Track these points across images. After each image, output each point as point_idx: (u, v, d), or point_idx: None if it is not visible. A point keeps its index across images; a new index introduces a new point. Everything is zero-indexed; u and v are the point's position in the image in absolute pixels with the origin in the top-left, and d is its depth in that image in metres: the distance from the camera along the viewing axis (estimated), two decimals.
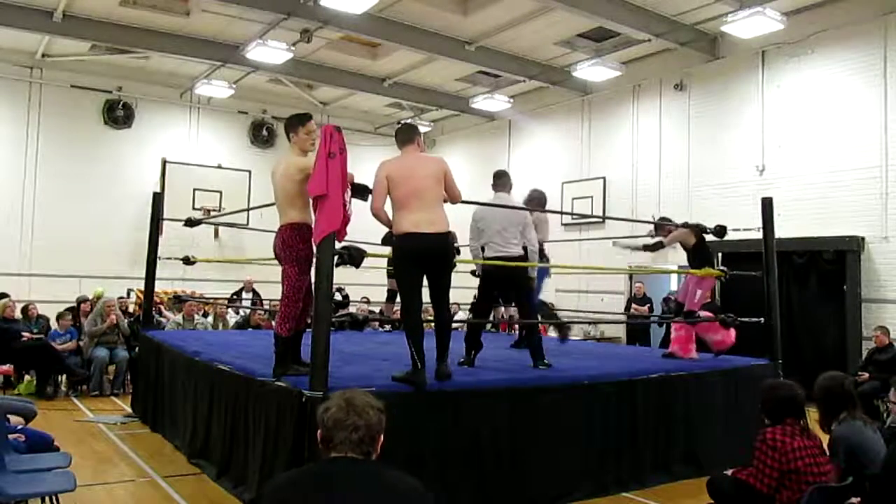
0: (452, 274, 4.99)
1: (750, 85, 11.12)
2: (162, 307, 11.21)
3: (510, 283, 5.93)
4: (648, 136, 12.73)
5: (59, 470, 4.07)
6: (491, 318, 8.42)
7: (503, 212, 5.91)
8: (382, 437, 2.23)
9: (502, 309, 8.91)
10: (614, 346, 10.86)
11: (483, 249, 5.97)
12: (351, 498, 2.08)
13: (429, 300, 4.85)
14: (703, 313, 7.19)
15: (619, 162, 13.18)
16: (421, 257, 4.67)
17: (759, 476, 3.62)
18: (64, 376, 9.23)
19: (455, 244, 5.73)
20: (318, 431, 2.22)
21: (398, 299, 5.15)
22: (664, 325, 11.01)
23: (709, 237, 7.51)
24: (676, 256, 12.04)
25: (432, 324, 5.02)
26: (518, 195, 6.74)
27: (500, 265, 5.76)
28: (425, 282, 4.80)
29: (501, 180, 6.20)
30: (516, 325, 9.07)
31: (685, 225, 7.27)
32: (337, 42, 12.40)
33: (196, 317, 10.40)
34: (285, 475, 2.33)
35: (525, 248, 5.97)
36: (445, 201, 4.85)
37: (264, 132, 15.63)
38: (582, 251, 12.81)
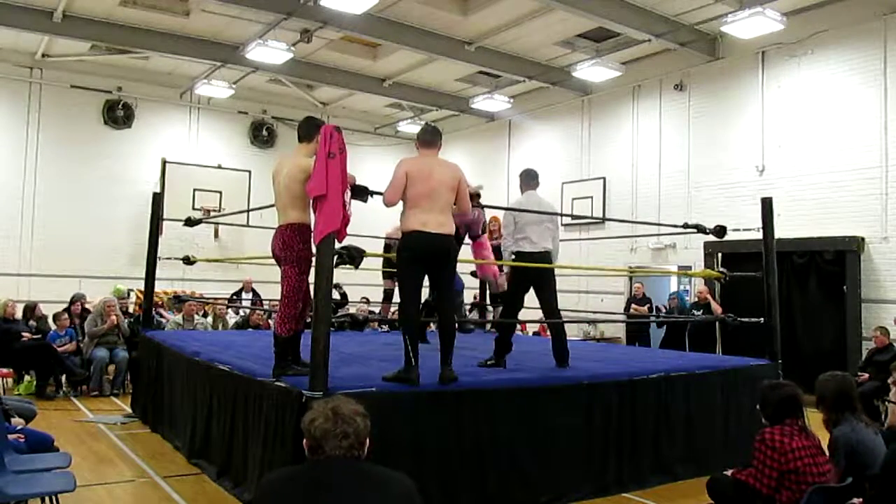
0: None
1: (750, 85, 11.12)
2: (162, 310, 11.19)
3: (539, 280, 5.93)
4: (648, 136, 12.73)
5: (59, 470, 4.07)
6: (491, 317, 8.44)
7: (539, 208, 6.01)
8: (369, 440, 2.28)
9: (502, 308, 8.88)
10: (614, 346, 10.85)
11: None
12: (344, 495, 2.12)
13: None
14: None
15: (619, 162, 13.18)
16: (426, 256, 4.73)
17: (758, 476, 3.62)
18: (64, 376, 9.23)
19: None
20: (304, 441, 2.25)
21: (395, 299, 5.16)
22: (664, 326, 11.03)
23: (709, 237, 7.52)
24: (676, 257, 12.09)
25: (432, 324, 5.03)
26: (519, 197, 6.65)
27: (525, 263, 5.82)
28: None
29: (536, 179, 6.18)
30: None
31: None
32: (337, 42, 12.40)
33: (196, 317, 10.39)
34: (279, 472, 2.38)
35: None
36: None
37: (264, 132, 15.64)
38: (582, 251, 12.81)
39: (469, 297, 11.21)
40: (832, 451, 3.71)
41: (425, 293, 5.22)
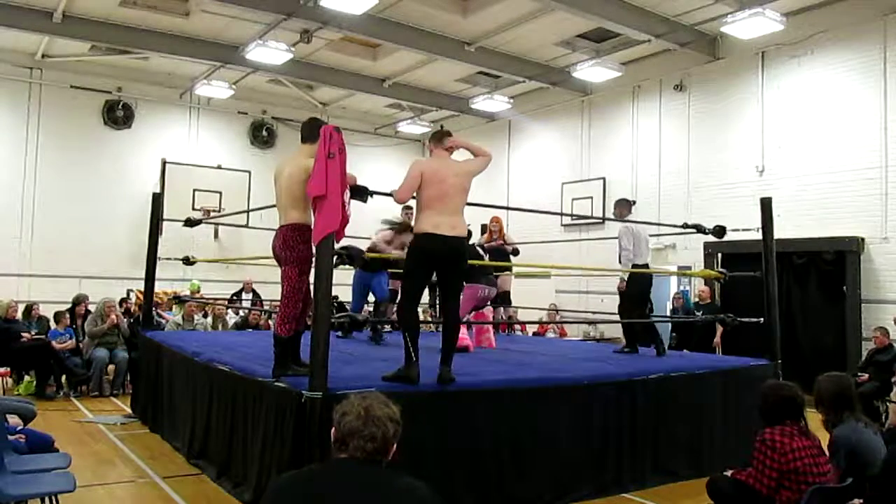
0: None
1: (750, 85, 11.12)
2: (159, 310, 11.18)
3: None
4: (648, 136, 12.73)
5: (59, 471, 4.07)
6: (492, 318, 8.44)
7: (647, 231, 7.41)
8: (396, 445, 2.24)
9: (502, 309, 8.91)
10: (614, 347, 10.82)
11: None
12: (352, 501, 2.08)
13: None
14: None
15: (619, 162, 13.18)
16: (436, 258, 4.74)
17: (758, 477, 3.62)
18: (64, 377, 9.23)
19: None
20: (332, 431, 2.23)
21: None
22: (670, 328, 11.02)
23: (708, 237, 7.56)
24: (676, 257, 12.09)
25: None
26: (519, 198, 6.98)
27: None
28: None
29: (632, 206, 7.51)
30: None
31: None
32: (337, 42, 12.40)
33: (196, 317, 10.39)
34: (288, 476, 2.32)
35: None
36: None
37: (264, 133, 15.63)
38: (582, 252, 12.81)
39: None
40: (832, 451, 3.71)
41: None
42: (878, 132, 9.57)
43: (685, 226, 7.29)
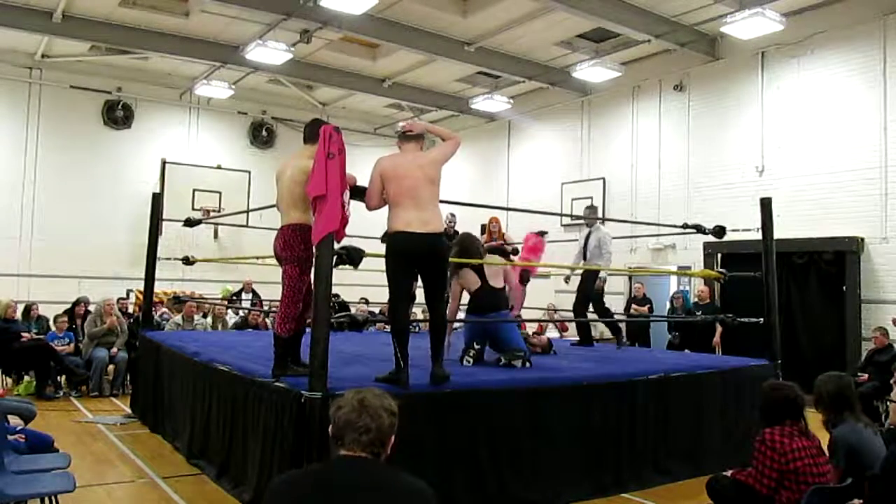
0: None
1: (749, 86, 11.12)
2: (161, 306, 11.19)
3: None
4: (648, 136, 12.73)
5: (59, 471, 4.07)
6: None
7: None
8: (393, 438, 2.23)
9: None
10: (614, 347, 10.83)
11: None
12: (352, 499, 2.08)
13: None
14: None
15: (619, 162, 13.18)
16: (412, 257, 4.64)
17: (758, 477, 3.62)
18: (63, 377, 9.23)
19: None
20: (330, 427, 2.23)
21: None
22: (672, 330, 11.03)
23: (708, 237, 7.57)
24: (676, 258, 12.09)
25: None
26: (519, 198, 6.98)
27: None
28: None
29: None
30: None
31: None
32: (337, 42, 12.40)
33: (196, 317, 10.39)
34: (288, 475, 2.32)
35: None
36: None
37: (264, 133, 15.64)
38: None
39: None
40: (832, 451, 3.71)
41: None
42: (878, 132, 9.57)
43: (685, 226, 7.29)
